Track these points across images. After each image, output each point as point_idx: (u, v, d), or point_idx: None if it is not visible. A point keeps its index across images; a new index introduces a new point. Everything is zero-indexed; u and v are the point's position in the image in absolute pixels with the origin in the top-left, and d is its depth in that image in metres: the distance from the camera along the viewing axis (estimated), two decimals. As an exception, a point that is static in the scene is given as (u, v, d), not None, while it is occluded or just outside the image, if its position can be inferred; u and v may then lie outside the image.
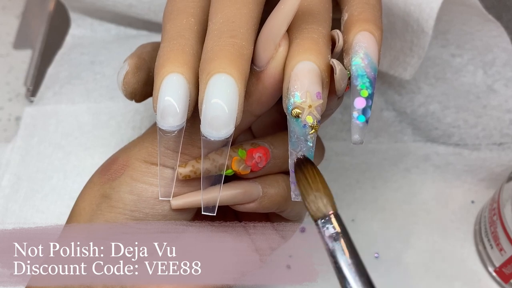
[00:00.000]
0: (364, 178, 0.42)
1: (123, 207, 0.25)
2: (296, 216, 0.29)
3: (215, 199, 0.25)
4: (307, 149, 0.22)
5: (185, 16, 0.24)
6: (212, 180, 0.25)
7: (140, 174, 0.25)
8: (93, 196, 0.26)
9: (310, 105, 0.21)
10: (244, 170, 0.25)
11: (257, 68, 0.23)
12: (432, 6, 0.35)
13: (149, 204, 0.25)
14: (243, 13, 0.22)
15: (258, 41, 0.23)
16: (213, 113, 0.21)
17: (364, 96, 0.22)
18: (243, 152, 0.25)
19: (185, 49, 0.23)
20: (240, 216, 0.30)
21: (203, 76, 0.21)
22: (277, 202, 0.26)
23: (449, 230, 0.40)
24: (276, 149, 0.26)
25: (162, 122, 0.22)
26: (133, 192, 0.25)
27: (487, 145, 0.42)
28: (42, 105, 0.44)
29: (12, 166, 0.41)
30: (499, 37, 0.39)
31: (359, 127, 0.22)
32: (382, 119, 0.44)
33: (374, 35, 0.23)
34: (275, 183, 0.26)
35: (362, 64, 0.22)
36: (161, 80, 0.22)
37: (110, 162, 0.27)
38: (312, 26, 0.23)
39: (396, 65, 0.39)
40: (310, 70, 0.22)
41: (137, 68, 0.27)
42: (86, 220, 0.26)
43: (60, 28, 0.50)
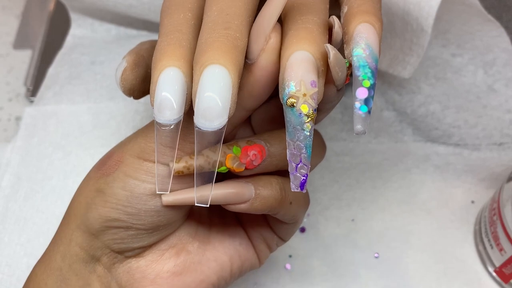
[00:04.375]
0: (364, 178, 0.42)
1: (116, 202, 0.25)
2: (291, 219, 0.29)
3: (207, 197, 0.25)
4: (304, 138, 0.22)
5: (182, 11, 0.24)
6: (205, 177, 0.25)
7: (133, 170, 0.25)
8: (89, 190, 0.26)
9: (304, 93, 0.21)
10: (238, 168, 0.25)
11: (249, 61, 0.23)
12: (432, 5, 0.35)
13: (141, 200, 0.25)
14: (238, 5, 0.22)
15: (250, 34, 0.23)
16: (206, 104, 0.21)
17: (366, 86, 0.22)
18: (238, 149, 0.25)
19: (182, 43, 0.23)
20: (239, 216, 0.30)
21: (196, 68, 0.22)
22: (269, 205, 0.26)
23: (449, 230, 0.40)
24: (273, 147, 0.26)
25: (159, 116, 0.22)
26: (125, 188, 0.25)
27: (487, 145, 0.42)
28: (42, 105, 0.44)
29: (12, 166, 0.41)
30: (499, 37, 0.39)
31: (361, 117, 0.22)
32: (382, 119, 0.44)
33: (375, 26, 0.23)
34: (269, 185, 0.26)
35: (363, 54, 0.22)
36: (158, 74, 0.22)
37: (106, 157, 0.27)
38: (306, 16, 0.23)
39: (396, 64, 0.39)
40: (304, 59, 0.22)
41: (135, 64, 0.27)
42: (82, 214, 0.26)
43: (60, 28, 0.50)
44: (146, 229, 0.26)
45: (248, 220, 0.30)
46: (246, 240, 0.30)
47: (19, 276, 0.37)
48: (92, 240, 0.26)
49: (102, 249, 0.26)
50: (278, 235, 0.30)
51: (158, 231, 0.27)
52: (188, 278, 0.28)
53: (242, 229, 0.30)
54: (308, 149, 0.22)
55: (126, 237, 0.26)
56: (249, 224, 0.30)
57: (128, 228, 0.26)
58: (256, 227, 0.30)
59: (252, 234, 0.30)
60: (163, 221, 0.26)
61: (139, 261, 0.27)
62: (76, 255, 0.26)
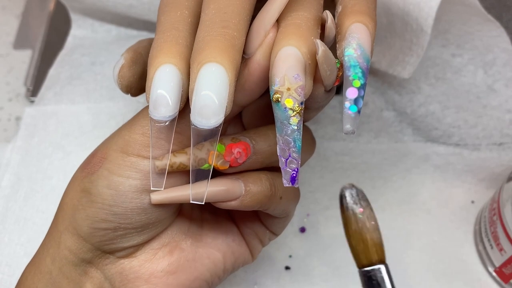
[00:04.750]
0: (364, 178, 0.42)
1: (102, 201, 0.25)
2: (282, 213, 0.29)
3: (201, 195, 0.24)
4: (292, 132, 0.22)
5: (179, 9, 0.24)
6: (198, 174, 0.25)
7: (117, 166, 0.25)
8: (75, 191, 0.26)
9: (288, 87, 0.21)
10: (222, 165, 0.25)
11: (246, 55, 0.23)
12: (431, 5, 0.35)
13: (127, 198, 0.25)
14: (236, 4, 0.23)
15: (250, 29, 0.23)
16: (203, 102, 0.21)
17: (356, 86, 0.22)
18: (222, 147, 0.25)
19: (179, 40, 0.23)
20: (230, 212, 0.30)
21: (194, 66, 0.22)
22: (259, 201, 0.26)
23: (449, 230, 0.40)
24: (258, 144, 0.26)
25: (155, 112, 0.22)
26: (110, 187, 0.25)
27: (487, 145, 0.42)
28: (42, 105, 0.45)
29: (12, 166, 0.41)
30: (499, 37, 0.39)
31: (350, 117, 0.22)
32: (382, 119, 0.44)
33: (368, 26, 0.23)
34: (258, 181, 0.26)
35: (354, 54, 0.22)
36: (154, 71, 0.22)
37: (91, 155, 0.26)
38: (296, 12, 0.23)
39: (395, 64, 0.40)
40: (289, 54, 0.22)
41: (133, 61, 0.27)
42: (69, 215, 0.26)
43: (61, 28, 0.50)
44: (134, 227, 0.26)
45: (240, 216, 0.30)
46: (238, 236, 0.30)
47: (19, 276, 0.37)
48: (81, 242, 0.26)
49: (92, 251, 0.26)
50: (270, 230, 0.30)
51: (148, 229, 0.26)
52: (182, 276, 0.28)
53: (234, 225, 0.30)
54: (297, 142, 0.22)
55: (115, 237, 0.26)
56: (241, 220, 0.30)
57: (116, 228, 0.25)
58: (248, 222, 0.30)
59: (244, 230, 0.30)
60: (152, 219, 0.26)
61: (132, 261, 0.27)
62: (66, 258, 0.26)
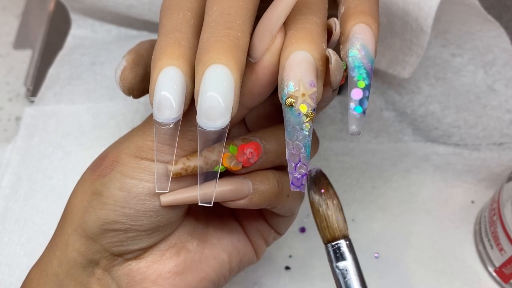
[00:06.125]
0: (364, 178, 0.42)
1: (114, 203, 0.25)
2: (288, 211, 0.29)
3: (209, 195, 0.25)
4: (303, 138, 0.22)
5: (181, 11, 0.24)
6: (207, 176, 0.25)
7: (130, 169, 0.25)
8: (84, 193, 0.26)
9: (303, 93, 0.22)
10: (235, 166, 0.25)
11: (252, 59, 0.23)
12: (431, 5, 0.35)
13: (139, 200, 0.25)
14: (239, 5, 0.22)
15: (255, 32, 0.23)
16: (209, 103, 0.21)
17: (361, 87, 0.22)
18: (234, 148, 0.25)
19: (182, 42, 0.23)
20: (235, 212, 0.30)
21: (198, 67, 0.22)
22: (267, 199, 0.26)
23: (449, 230, 0.40)
24: (268, 143, 0.26)
25: (159, 115, 0.22)
26: (123, 189, 0.25)
27: (487, 145, 0.42)
28: (42, 105, 0.45)
29: (12, 166, 0.41)
30: (499, 37, 0.39)
31: (356, 118, 0.22)
32: (382, 119, 0.44)
33: (371, 27, 0.23)
34: (266, 180, 0.26)
35: (359, 55, 0.22)
36: (158, 73, 0.22)
37: (101, 158, 0.27)
38: (306, 16, 0.23)
39: (395, 64, 0.40)
40: (303, 59, 0.22)
41: (135, 63, 0.27)
42: (78, 217, 0.26)
43: (61, 28, 0.50)
44: (145, 230, 0.26)
45: (245, 216, 0.30)
46: (243, 236, 0.30)
47: (19, 276, 0.37)
48: (90, 244, 0.26)
49: (101, 252, 0.26)
50: (275, 229, 0.30)
51: (158, 232, 0.27)
52: (189, 276, 0.28)
53: (239, 225, 0.30)
54: (307, 148, 0.22)
55: (125, 239, 0.26)
56: (246, 220, 0.30)
57: (127, 230, 0.26)
58: (253, 222, 0.30)
59: (249, 230, 0.30)
60: (162, 221, 0.26)
61: (139, 262, 0.27)
62: (74, 260, 0.26)
